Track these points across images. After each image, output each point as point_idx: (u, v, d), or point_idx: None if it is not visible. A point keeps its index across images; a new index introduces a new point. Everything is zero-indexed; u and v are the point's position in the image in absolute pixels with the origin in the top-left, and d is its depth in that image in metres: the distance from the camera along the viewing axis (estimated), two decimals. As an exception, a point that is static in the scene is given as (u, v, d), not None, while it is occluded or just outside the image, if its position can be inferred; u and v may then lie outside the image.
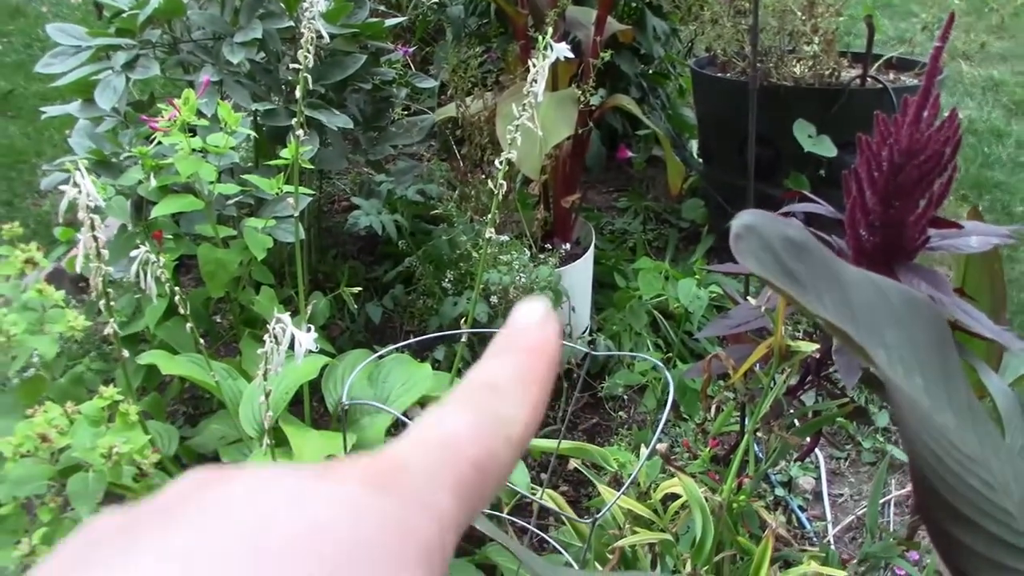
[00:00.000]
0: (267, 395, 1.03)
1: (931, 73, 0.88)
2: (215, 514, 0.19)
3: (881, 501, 1.65)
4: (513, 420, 0.25)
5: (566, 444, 1.18)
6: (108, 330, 1.12)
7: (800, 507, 1.63)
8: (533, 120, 1.14)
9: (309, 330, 0.96)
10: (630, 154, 2.84)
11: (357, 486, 0.20)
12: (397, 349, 1.36)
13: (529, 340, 0.27)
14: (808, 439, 1.18)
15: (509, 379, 0.26)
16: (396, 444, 0.23)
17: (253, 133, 1.52)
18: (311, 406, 1.53)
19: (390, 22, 1.83)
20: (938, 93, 0.91)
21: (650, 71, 2.85)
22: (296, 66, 1.22)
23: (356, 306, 1.75)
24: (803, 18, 2.22)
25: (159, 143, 1.38)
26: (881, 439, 1.83)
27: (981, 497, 0.30)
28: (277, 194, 1.46)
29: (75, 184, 0.97)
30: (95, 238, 1.01)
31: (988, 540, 0.30)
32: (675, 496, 1.08)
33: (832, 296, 0.32)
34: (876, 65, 2.32)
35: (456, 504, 0.22)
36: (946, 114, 0.91)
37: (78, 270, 1.05)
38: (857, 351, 0.30)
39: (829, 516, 1.64)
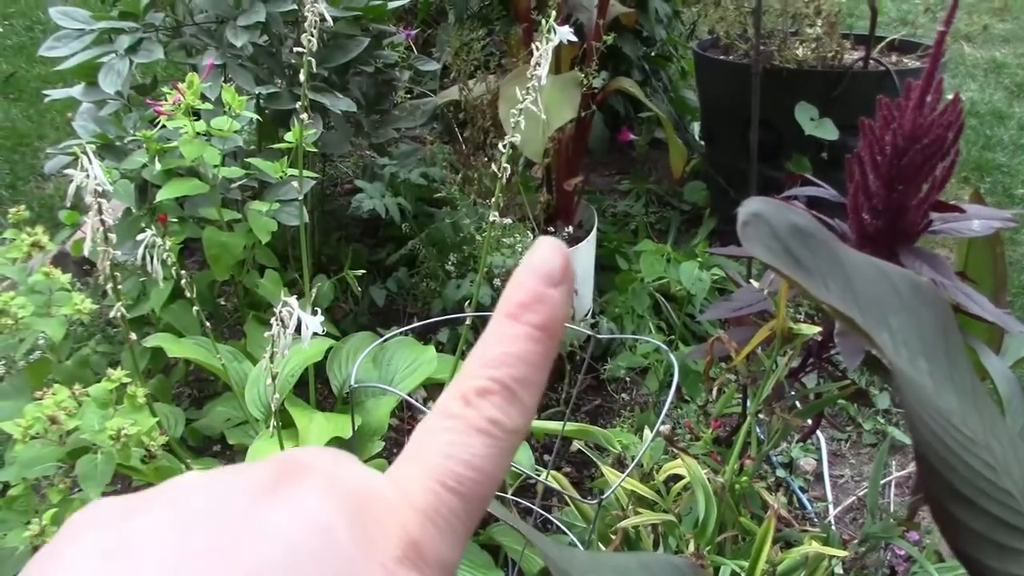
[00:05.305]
0: (274, 378, 1.04)
1: (935, 57, 0.88)
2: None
3: (882, 482, 1.67)
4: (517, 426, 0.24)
5: (570, 426, 1.19)
6: (114, 313, 1.13)
7: (801, 488, 1.64)
8: (536, 103, 1.14)
9: (315, 313, 0.97)
10: (632, 137, 2.84)
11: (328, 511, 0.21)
12: (401, 332, 1.37)
13: (540, 315, 0.24)
14: (809, 421, 1.19)
15: (512, 376, 0.24)
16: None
17: (257, 116, 1.53)
18: (316, 388, 1.54)
19: (392, 4, 1.83)
20: (941, 78, 0.91)
21: (652, 53, 2.84)
22: (299, 49, 1.22)
23: (360, 289, 1.75)
24: (806, 0, 2.22)
25: (163, 127, 1.38)
26: (882, 421, 1.84)
27: (982, 478, 0.31)
28: (281, 177, 1.46)
29: (82, 168, 0.97)
30: (103, 222, 1.01)
31: (989, 520, 0.31)
32: (678, 477, 1.09)
33: (837, 282, 0.33)
34: (878, 47, 2.32)
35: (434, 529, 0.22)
36: (949, 98, 0.91)
37: (85, 253, 1.05)
38: (862, 335, 0.31)
39: (830, 497, 1.65)
